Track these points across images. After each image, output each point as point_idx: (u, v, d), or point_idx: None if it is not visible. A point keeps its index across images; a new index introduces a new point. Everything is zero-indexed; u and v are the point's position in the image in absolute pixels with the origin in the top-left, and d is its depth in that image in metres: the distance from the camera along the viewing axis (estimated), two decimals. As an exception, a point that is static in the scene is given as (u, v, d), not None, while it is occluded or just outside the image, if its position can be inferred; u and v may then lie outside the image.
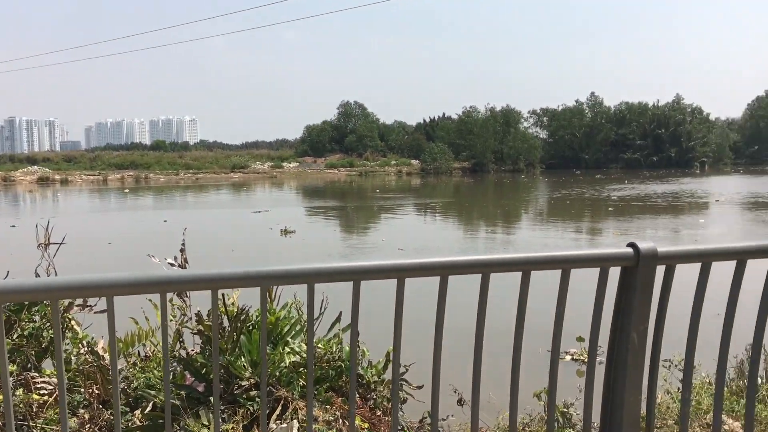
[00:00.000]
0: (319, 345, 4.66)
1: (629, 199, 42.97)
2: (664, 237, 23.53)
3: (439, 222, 31.93)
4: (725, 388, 5.22)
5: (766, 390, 5.10)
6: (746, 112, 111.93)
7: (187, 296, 4.99)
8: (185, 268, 5.43)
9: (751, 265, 3.01)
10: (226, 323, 4.32)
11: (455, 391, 4.54)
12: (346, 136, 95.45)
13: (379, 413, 4.27)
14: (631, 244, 2.87)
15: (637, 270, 2.84)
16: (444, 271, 2.71)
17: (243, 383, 3.98)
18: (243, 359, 4.11)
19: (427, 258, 2.69)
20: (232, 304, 4.41)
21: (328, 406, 4.00)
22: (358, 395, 4.38)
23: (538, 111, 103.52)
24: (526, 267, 2.81)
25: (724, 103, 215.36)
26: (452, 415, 4.71)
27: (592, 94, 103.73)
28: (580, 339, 6.33)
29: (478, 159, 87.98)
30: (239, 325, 4.21)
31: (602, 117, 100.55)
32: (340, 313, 4.95)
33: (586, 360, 7.75)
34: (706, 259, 2.95)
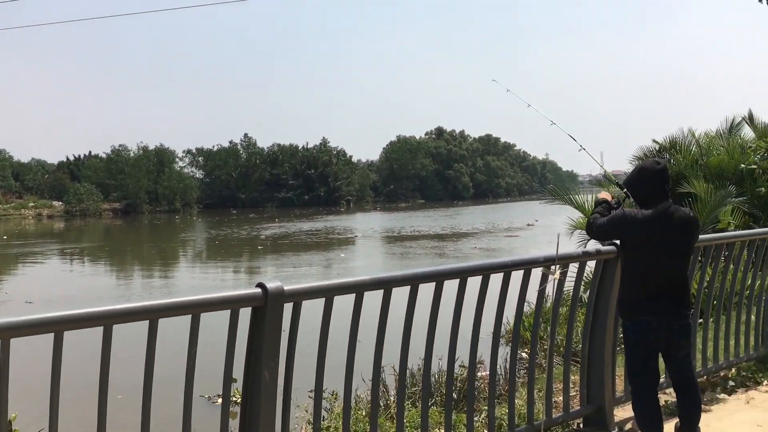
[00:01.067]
0: None
1: (277, 237, 44.92)
2: (310, 274, 25.03)
3: (85, 269, 29.54)
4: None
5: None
6: (382, 154, 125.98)
7: None
8: None
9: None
10: None
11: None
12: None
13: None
14: (260, 285, 2.93)
15: (266, 309, 2.92)
16: (59, 327, 2.46)
17: None
18: None
19: (34, 315, 2.41)
20: None
21: None
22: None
23: (194, 151, 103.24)
24: (153, 315, 2.69)
25: (364, 147, 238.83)
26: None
27: (246, 135, 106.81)
28: (234, 380, 6.30)
29: (131, 200, 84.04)
30: None
31: (257, 157, 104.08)
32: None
33: (237, 401, 7.73)
34: (329, 294, 3.16)
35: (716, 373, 5.12)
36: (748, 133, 14.51)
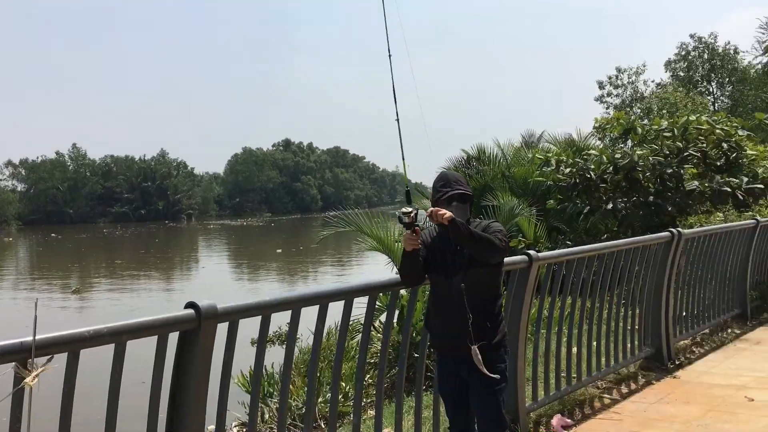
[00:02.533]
0: None
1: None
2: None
3: None
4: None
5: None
6: (227, 167, 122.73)
7: None
8: None
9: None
10: None
11: None
12: None
13: None
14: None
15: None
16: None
17: None
18: None
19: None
20: None
21: None
22: None
23: (15, 162, 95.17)
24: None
25: (208, 159, 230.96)
26: None
27: (74, 145, 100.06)
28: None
29: (-67, 217, 75.68)
30: None
31: (87, 170, 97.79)
32: None
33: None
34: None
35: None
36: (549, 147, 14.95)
